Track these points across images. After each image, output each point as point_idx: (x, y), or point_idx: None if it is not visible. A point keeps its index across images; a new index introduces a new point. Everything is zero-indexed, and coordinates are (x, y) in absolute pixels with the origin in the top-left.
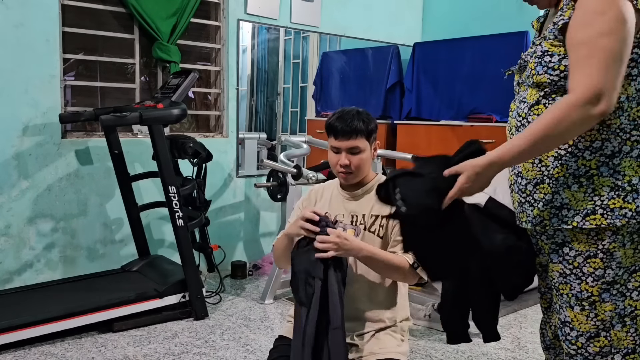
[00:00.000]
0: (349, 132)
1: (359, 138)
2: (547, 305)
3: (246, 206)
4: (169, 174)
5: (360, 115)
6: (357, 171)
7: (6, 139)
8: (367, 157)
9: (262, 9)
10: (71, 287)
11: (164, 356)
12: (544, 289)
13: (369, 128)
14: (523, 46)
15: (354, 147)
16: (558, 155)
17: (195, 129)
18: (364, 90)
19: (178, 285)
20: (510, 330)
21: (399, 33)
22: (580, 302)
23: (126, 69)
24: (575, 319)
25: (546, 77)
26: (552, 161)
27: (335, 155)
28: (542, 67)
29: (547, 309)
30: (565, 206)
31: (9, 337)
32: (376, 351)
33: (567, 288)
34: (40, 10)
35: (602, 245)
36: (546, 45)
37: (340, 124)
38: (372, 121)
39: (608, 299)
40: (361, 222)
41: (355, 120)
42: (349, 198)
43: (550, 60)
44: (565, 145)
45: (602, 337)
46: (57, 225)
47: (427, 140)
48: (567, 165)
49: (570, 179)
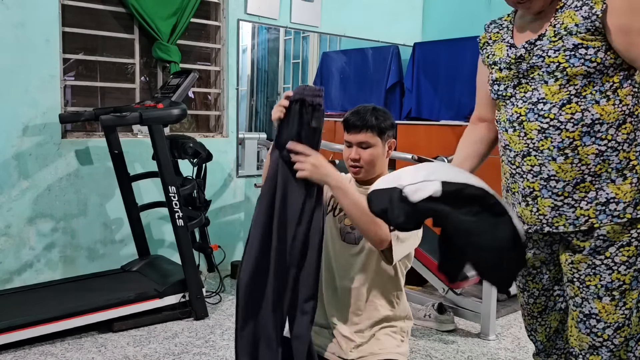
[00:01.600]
0: (359, 126)
1: (370, 133)
2: (541, 309)
3: (246, 206)
4: (169, 174)
5: (376, 111)
6: (367, 167)
7: (6, 139)
8: (378, 153)
9: (262, 9)
10: (71, 287)
11: (164, 356)
12: (537, 292)
13: (382, 125)
14: None
15: (364, 141)
16: (599, 151)
17: (195, 129)
18: (364, 90)
19: (178, 285)
20: (510, 330)
21: (399, 33)
22: (610, 292)
23: (126, 69)
24: (603, 310)
25: (583, 68)
26: (593, 158)
27: (347, 149)
28: (579, 60)
29: (542, 312)
30: (612, 200)
31: (9, 337)
32: (376, 351)
33: (596, 279)
34: (40, 10)
35: (637, 233)
36: (576, 39)
37: (353, 117)
38: (388, 119)
39: (635, 286)
40: None
41: (368, 115)
42: (362, 189)
43: (587, 53)
44: (604, 140)
45: (626, 325)
46: (57, 225)
47: (427, 140)
48: (608, 160)
49: (614, 173)
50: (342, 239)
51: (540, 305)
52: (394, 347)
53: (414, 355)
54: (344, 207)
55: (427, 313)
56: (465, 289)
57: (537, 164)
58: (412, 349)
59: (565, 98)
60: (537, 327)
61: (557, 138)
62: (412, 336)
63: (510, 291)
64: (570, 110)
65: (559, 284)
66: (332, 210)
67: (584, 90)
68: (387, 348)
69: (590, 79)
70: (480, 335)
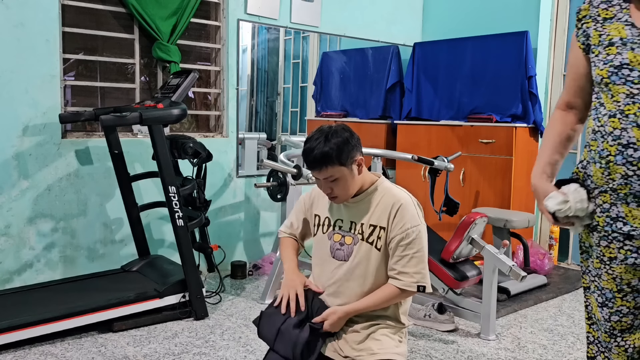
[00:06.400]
0: (318, 163)
1: (331, 167)
2: (624, 328)
3: (246, 206)
4: (169, 174)
5: (328, 141)
6: (343, 194)
7: (6, 139)
8: (347, 180)
9: (262, 9)
10: (71, 287)
11: (164, 356)
12: (627, 309)
13: (339, 155)
14: (523, 46)
15: (328, 177)
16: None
17: (195, 129)
18: (364, 90)
19: (178, 285)
20: (510, 330)
21: (399, 33)
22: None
23: (126, 69)
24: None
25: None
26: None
27: (317, 182)
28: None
29: (625, 331)
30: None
31: (9, 337)
32: (375, 351)
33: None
34: (40, 10)
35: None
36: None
37: (308, 157)
38: (345, 142)
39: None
40: (359, 231)
41: (321, 148)
42: (349, 203)
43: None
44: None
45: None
46: (57, 225)
47: (427, 140)
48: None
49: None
50: (332, 256)
51: (625, 323)
52: (392, 347)
53: (414, 355)
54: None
55: (427, 313)
56: (465, 289)
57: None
58: (412, 349)
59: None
60: (612, 347)
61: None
62: (412, 336)
63: (510, 291)
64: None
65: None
66: (320, 226)
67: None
68: (386, 348)
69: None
70: (480, 335)
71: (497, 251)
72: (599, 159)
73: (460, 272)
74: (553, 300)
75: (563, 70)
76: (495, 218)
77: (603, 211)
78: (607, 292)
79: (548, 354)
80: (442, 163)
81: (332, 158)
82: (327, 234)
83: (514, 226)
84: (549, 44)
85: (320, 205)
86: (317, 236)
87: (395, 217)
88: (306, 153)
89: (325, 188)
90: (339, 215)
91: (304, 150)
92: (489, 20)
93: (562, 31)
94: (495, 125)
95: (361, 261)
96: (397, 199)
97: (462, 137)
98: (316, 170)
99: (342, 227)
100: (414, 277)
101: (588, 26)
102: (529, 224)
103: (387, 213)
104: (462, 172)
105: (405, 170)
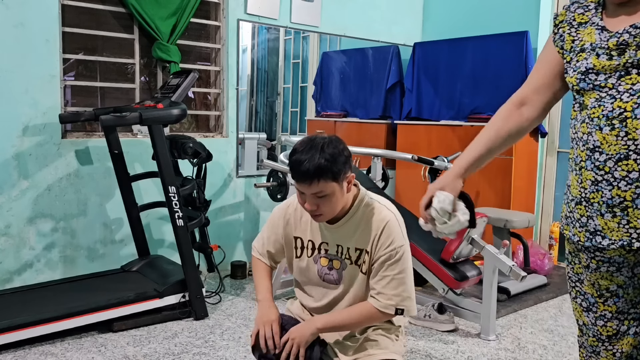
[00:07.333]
0: (309, 177)
1: (323, 182)
2: (611, 333)
3: (246, 206)
4: (169, 174)
5: (324, 152)
6: (329, 212)
7: (6, 139)
8: (336, 197)
9: (262, 9)
10: (71, 287)
11: (163, 356)
12: (610, 314)
13: (334, 169)
14: (523, 46)
15: (318, 192)
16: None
17: (195, 129)
18: (364, 90)
19: (178, 285)
20: (510, 330)
21: (399, 33)
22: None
23: (126, 69)
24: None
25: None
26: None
27: (301, 196)
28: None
29: (612, 337)
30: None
31: (9, 337)
32: (371, 352)
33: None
34: (40, 10)
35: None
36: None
37: (300, 166)
38: (339, 155)
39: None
40: (347, 255)
41: (317, 159)
42: (332, 226)
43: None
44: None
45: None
46: (57, 225)
47: (427, 140)
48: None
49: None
50: (322, 280)
51: (610, 329)
52: (388, 346)
53: (414, 355)
54: (344, 331)
55: (427, 313)
56: (465, 289)
57: (636, 170)
58: (412, 349)
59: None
60: (601, 350)
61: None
62: (412, 336)
63: (510, 291)
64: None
65: (636, 307)
66: (304, 249)
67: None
68: (382, 348)
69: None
70: (480, 335)
71: (497, 251)
72: (574, 166)
73: (460, 272)
74: (553, 301)
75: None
76: (495, 218)
77: (582, 225)
78: (589, 297)
79: (548, 355)
80: (442, 163)
81: (326, 172)
82: (313, 257)
83: (514, 226)
84: None
85: (299, 227)
86: (301, 259)
87: (380, 238)
88: (296, 164)
89: (311, 204)
90: (323, 238)
91: (292, 161)
92: (489, 20)
93: None
94: None
95: (352, 285)
96: (381, 218)
97: (462, 137)
98: (306, 184)
99: (329, 250)
100: (393, 299)
101: (564, 31)
102: (529, 224)
103: (371, 235)
104: None
105: (405, 170)
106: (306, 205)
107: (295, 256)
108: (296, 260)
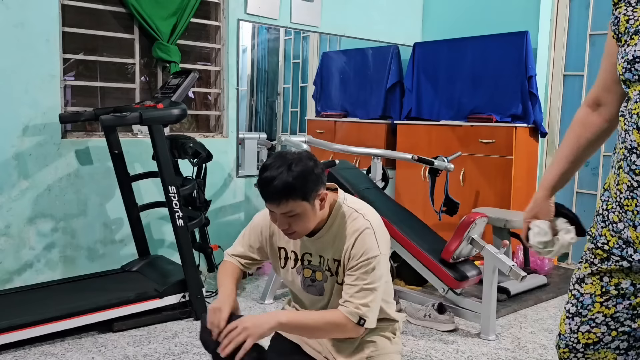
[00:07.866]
0: (277, 196)
1: (292, 201)
2: (591, 342)
3: (246, 206)
4: (169, 174)
5: (291, 172)
6: (302, 230)
7: (6, 139)
8: (308, 215)
9: (262, 9)
10: (71, 287)
11: (164, 356)
12: (602, 317)
13: (304, 188)
14: (523, 46)
15: (287, 212)
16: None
17: (195, 129)
18: (364, 90)
19: (178, 285)
20: (510, 330)
21: (399, 33)
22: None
23: (126, 69)
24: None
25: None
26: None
27: (272, 215)
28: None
29: (590, 346)
30: None
31: (9, 337)
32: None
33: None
34: (40, 10)
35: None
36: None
37: (266, 185)
38: (310, 174)
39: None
40: (327, 267)
41: (284, 177)
42: (312, 238)
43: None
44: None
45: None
46: (57, 225)
47: (427, 140)
48: None
49: None
50: (305, 291)
51: (593, 335)
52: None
53: (414, 355)
54: (304, 336)
55: (427, 313)
56: (465, 289)
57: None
58: (412, 349)
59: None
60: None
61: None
62: (412, 336)
63: (510, 291)
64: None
65: (635, 321)
66: (287, 260)
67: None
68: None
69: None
70: (480, 335)
71: (497, 251)
72: (615, 164)
73: (460, 272)
74: (553, 300)
75: (563, 70)
76: (495, 218)
77: (616, 231)
78: (585, 298)
79: (548, 354)
80: (442, 163)
81: (294, 191)
82: (296, 268)
83: (514, 226)
84: (549, 44)
85: (283, 238)
86: (286, 270)
87: (352, 249)
88: (264, 183)
89: (282, 224)
90: (305, 249)
91: (260, 179)
92: (489, 20)
93: (562, 31)
94: (495, 125)
95: (333, 297)
96: (356, 228)
97: (462, 137)
98: (274, 203)
99: (312, 261)
100: (360, 309)
101: (620, 11)
102: None
103: (345, 245)
104: (462, 172)
105: (405, 170)
106: (277, 224)
107: (280, 266)
108: (282, 270)
